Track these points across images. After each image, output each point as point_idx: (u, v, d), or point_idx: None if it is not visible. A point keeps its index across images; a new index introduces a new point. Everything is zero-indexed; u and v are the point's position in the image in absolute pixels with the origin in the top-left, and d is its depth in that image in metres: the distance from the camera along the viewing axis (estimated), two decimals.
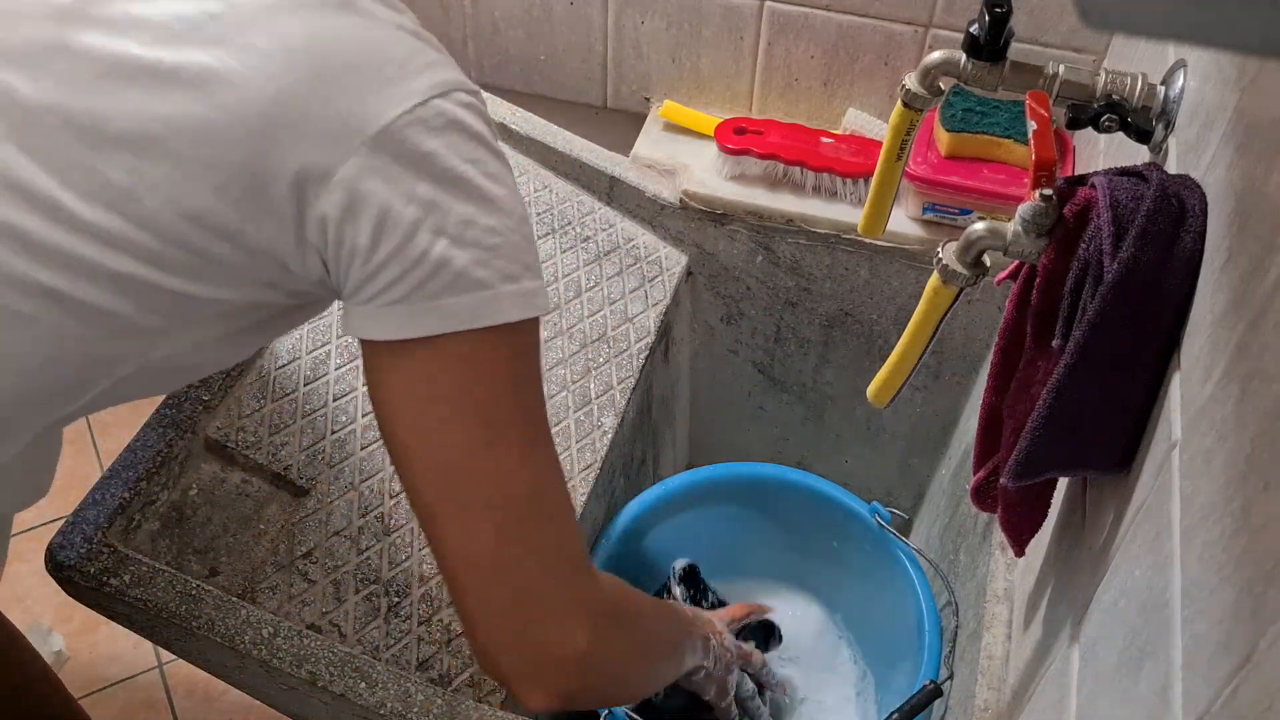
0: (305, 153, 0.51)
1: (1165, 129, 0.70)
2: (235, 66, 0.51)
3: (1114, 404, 0.59)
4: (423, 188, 0.52)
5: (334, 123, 0.51)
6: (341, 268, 0.54)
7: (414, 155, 0.52)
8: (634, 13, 1.23)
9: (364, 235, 0.52)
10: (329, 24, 0.52)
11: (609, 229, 1.17)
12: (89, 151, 0.51)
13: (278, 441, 0.89)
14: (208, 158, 0.51)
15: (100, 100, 0.51)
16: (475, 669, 0.84)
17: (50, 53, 0.51)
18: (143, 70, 0.50)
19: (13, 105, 0.51)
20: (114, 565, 0.79)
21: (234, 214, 0.52)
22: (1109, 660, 0.56)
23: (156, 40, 0.51)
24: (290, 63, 0.51)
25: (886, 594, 1.08)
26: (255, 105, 0.51)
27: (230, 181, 0.52)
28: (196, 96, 0.51)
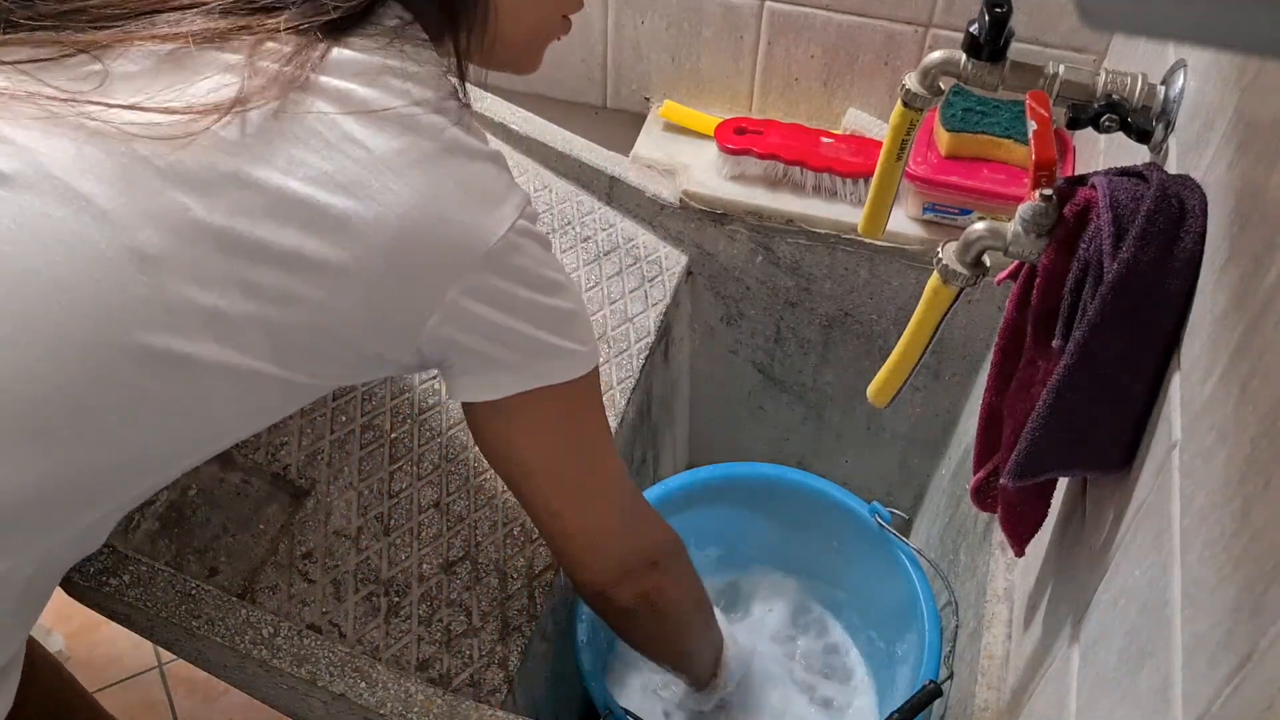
0: (427, 280, 0.62)
1: (1165, 129, 0.70)
2: (375, 210, 0.60)
3: (1114, 404, 0.59)
4: (522, 294, 0.65)
5: (449, 252, 0.62)
6: (450, 361, 0.66)
7: (512, 270, 0.64)
8: (634, 13, 1.23)
9: (477, 341, 0.65)
10: (442, 167, 0.62)
11: (609, 229, 1.17)
12: (249, 267, 0.58)
13: (277, 441, 0.89)
14: (347, 284, 0.60)
15: (264, 229, 0.58)
16: (475, 668, 0.84)
17: (225, 179, 0.57)
18: (300, 204, 0.58)
19: (187, 224, 0.57)
20: (114, 565, 0.79)
21: (363, 333, 0.62)
22: (1109, 660, 0.56)
23: (312, 180, 0.59)
24: (415, 206, 0.60)
25: (886, 594, 1.08)
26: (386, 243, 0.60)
27: (362, 304, 0.61)
28: (340, 234, 0.59)
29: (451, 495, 0.91)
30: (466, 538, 0.90)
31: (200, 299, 0.58)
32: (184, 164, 0.57)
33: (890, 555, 1.07)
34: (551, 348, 0.67)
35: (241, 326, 0.59)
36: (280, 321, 0.60)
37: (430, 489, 0.91)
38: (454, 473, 0.93)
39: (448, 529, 0.90)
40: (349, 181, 0.59)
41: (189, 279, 0.57)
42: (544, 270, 0.66)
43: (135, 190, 0.56)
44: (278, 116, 0.58)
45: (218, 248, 0.57)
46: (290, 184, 0.58)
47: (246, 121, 0.58)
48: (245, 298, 0.58)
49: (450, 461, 0.93)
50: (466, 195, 0.62)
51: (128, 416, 0.59)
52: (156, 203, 0.56)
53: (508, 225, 0.63)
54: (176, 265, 0.57)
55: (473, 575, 0.88)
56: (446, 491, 0.91)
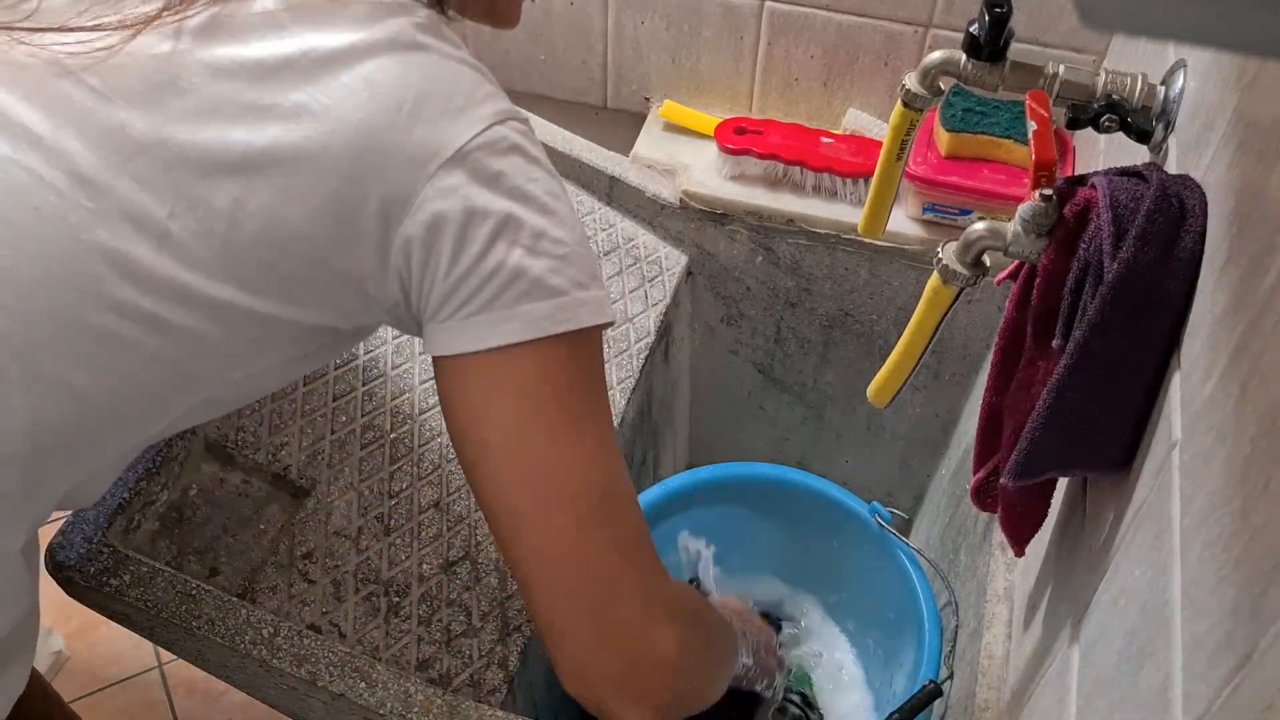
0: (388, 179, 0.56)
1: (1165, 129, 0.70)
2: (325, 101, 0.55)
3: (1114, 404, 0.59)
4: (497, 203, 0.56)
5: (412, 149, 0.56)
6: (425, 287, 0.58)
7: (486, 174, 0.56)
8: (634, 13, 1.23)
9: (445, 251, 0.56)
10: (404, 61, 0.57)
11: (609, 229, 1.17)
12: (197, 181, 0.54)
13: (277, 442, 0.89)
14: (301, 185, 0.55)
15: (207, 134, 0.54)
16: (475, 669, 0.84)
17: (162, 91, 0.55)
18: (245, 107, 0.55)
19: (127, 140, 0.54)
20: (114, 565, 0.79)
21: (324, 240, 0.57)
22: (1109, 660, 0.56)
23: (255, 78, 0.55)
24: (372, 96, 0.55)
25: (886, 594, 1.08)
26: (343, 136, 0.55)
27: (322, 207, 0.56)
28: (290, 129, 0.55)
29: (451, 495, 0.92)
30: (466, 538, 0.90)
31: (146, 220, 0.54)
32: (117, 81, 0.54)
33: (890, 555, 1.07)
34: (531, 283, 0.57)
35: (192, 245, 0.55)
36: (234, 234, 0.55)
37: (430, 489, 0.91)
38: (454, 473, 0.93)
39: (448, 529, 0.90)
40: (298, 75, 0.55)
41: (132, 199, 0.54)
42: (532, 187, 0.58)
43: (70, 112, 0.54)
44: (216, 18, 0.56)
45: (159, 162, 0.54)
46: (233, 86, 0.55)
47: (182, 28, 0.55)
48: (192, 212, 0.55)
49: (450, 461, 0.93)
50: (433, 87, 0.57)
51: (85, 359, 0.55)
52: (90, 123, 0.54)
53: (484, 124, 0.57)
54: (117, 187, 0.54)
55: (473, 575, 0.88)
56: (446, 491, 0.92)
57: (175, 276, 0.55)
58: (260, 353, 0.61)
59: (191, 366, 0.59)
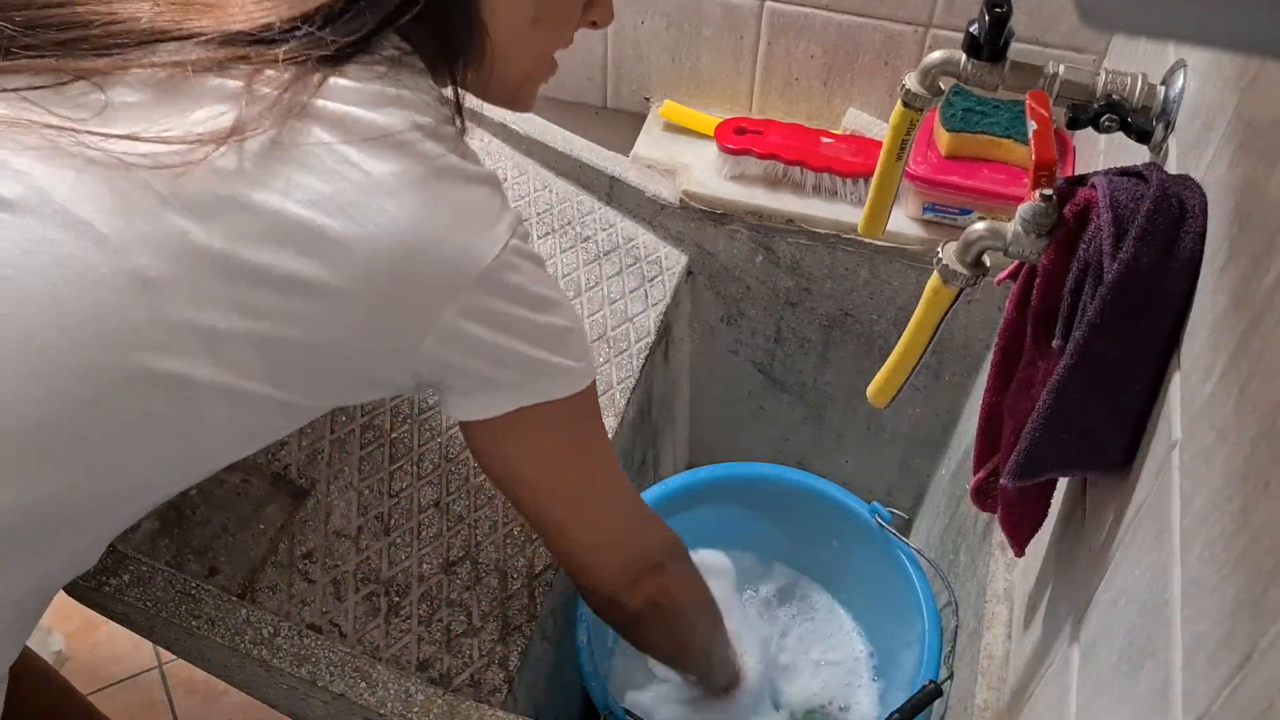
0: (420, 303, 0.62)
1: (1165, 129, 0.70)
2: (373, 231, 0.60)
3: (1114, 404, 0.59)
4: (517, 313, 0.65)
5: (443, 275, 0.62)
6: (447, 382, 0.67)
7: (507, 289, 0.64)
8: (634, 13, 1.23)
9: (473, 361, 0.65)
10: (437, 190, 0.62)
11: (609, 229, 1.17)
12: (249, 290, 0.59)
13: (278, 441, 0.89)
14: (344, 305, 0.61)
15: (263, 252, 0.58)
16: (475, 668, 0.84)
17: (223, 205, 0.58)
18: (299, 227, 0.59)
19: (188, 247, 0.58)
20: (114, 565, 0.79)
21: (360, 354, 0.63)
22: (1109, 660, 0.56)
23: (309, 202, 0.59)
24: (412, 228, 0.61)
25: (886, 594, 1.08)
26: (386, 264, 0.61)
27: (358, 325, 0.62)
28: (338, 255, 0.60)
29: (451, 495, 0.92)
30: (466, 538, 0.90)
31: (198, 321, 0.58)
32: (182, 190, 0.57)
33: (890, 555, 1.07)
34: (547, 365, 0.68)
35: (238, 348, 0.60)
36: (276, 342, 0.60)
37: (430, 489, 0.91)
38: (454, 473, 0.93)
39: (448, 529, 0.90)
40: (346, 204, 0.59)
41: (187, 302, 0.58)
42: (538, 288, 0.67)
43: (134, 216, 0.57)
44: (275, 143, 0.59)
45: (216, 271, 0.58)
46: (288, 206, 0.59)
47: (244, 148, 0.58)
48: (243, 319, 0.59)
49: (450, 461, 0.93)
50: (460, 217, 0.63)
51: (123, 440, 0.59)
52: (155, 227, 0.57)
53: (501, 245, 0.64)
54: (175, 289, 0.57)
55: (473, 575, 0.88)
56: (446, 491, 0.92)
57: (219, 374, 0.60)
58: (277, 429, 0.68)
59: (222, 446, 0.65)
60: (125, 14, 0.61)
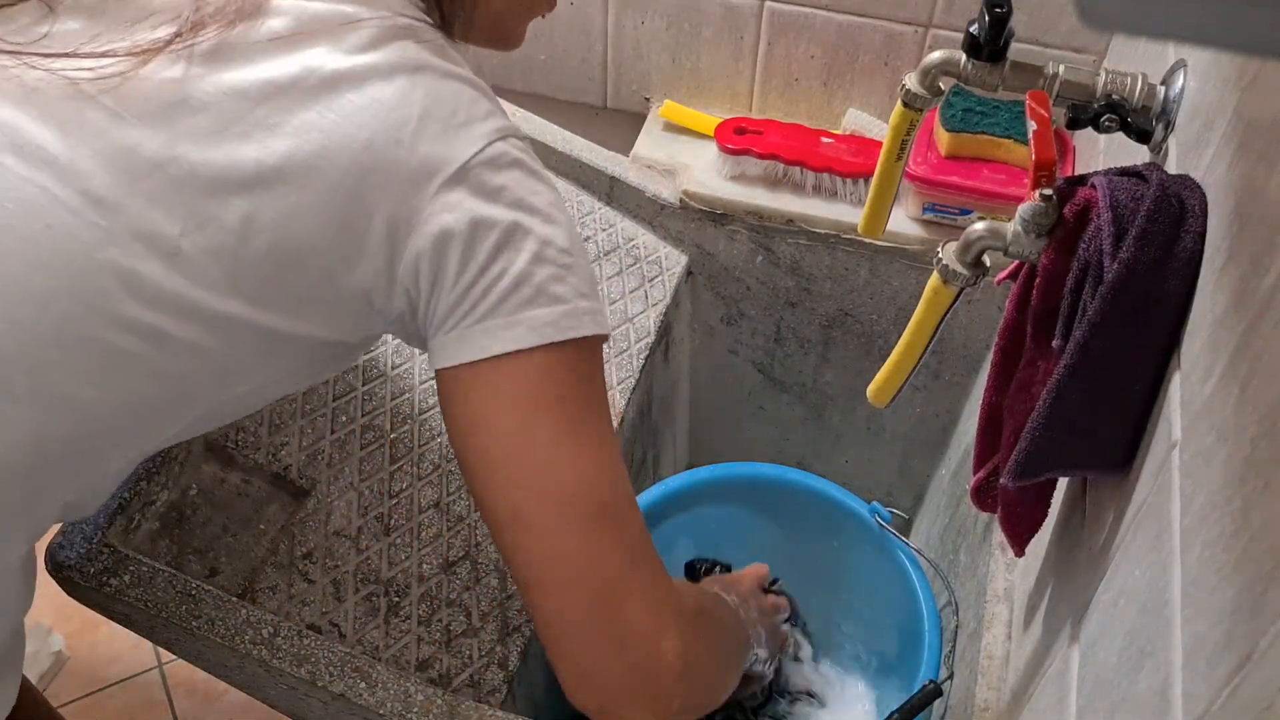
0: (394, 196, 0.57)
1: (1165, 129, 0.70)
2: (333, 119, 0.56)
3: (1114, 404, 0.59)
4: (501, 214, 0.58)
5: (416, 166, 0.57)
6: (432, 300, 0.59)
7: (489, 188, 0.58)
8: (634, 13, 1.23)
9: (452, 263, 0.58)
10: (409, 81, 0.58)
11: (609, 229, 1.17)
12: (208, 199, 0.55)
13: (278, 442, 0.89)
14: (309, 201, 0.56)
15: (218, 152, 0.55)
16: (475, 669, 0.84)
17: (173, 111, 0.55)
18: (254, 125, 0.56)
19: (139, 159, 0.55)
20: (114, 565, 0.79)
21: (332, 255, 0.58)
22: (1109, 660, 0.56)
23: (263, 98, 0.56)
24: (377, 115, 0.57)
25: (886, 594, 1.08)
26: (349, 153, 0.56)
27: (330, 223, 0.57)
28: (298, 146, 0.56)
29: (451, 495, 0.92)
30: (466, 538, 0.90)
31: (155, 237, 0.55)
32: (129, 102, 0.55)
33: (890, 555, 1.07)
34: (535, 289, 0.58)
35: (202, 262, 0.56)
36: (241, 249, 0.56)
37: (430, 489, 0.91)
38: (454, 473, 0.93)
39: (448, 529, 0.90)
40: (304, 94, 0.56)
41: (142, 218, 0.55)
42: (531, 197, 0.59)
43: (82, 134, 0.55)
44: (223, 42, 0.56)
45: (169, 181, 0.55)
46: (242, 103, 0.56)
47: (193, 52, 0.56)
48: (202, 229, 0.55)
49: (450, 461, 0.93)
50: (435, 105, 0.58)
51: (92, 376, 0.56)
52: (104, 143, 0.55)
53: (485, 140, 0.58)
54: (128, 205, 0.55)
55: (473, 575, 0.88)
56: (446, 491, 0.92)
57: (184, 293, 0.56)
58: (264, 366, 0.62)
59: (196, 380, 0.60)
60: None
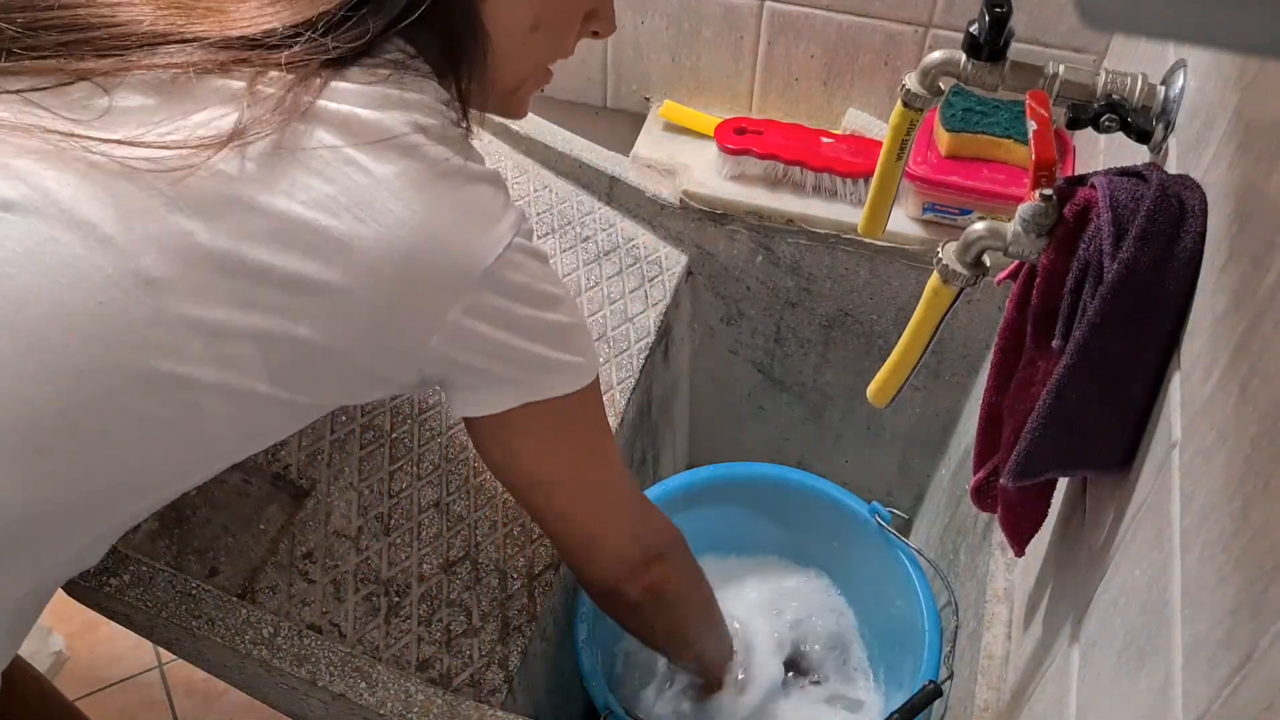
0: (425, 301, 0.63)
1: (1165, 129, 0.70)
2: (377, 230, 0.60)
3: (1114, 404, 0.59)
4: (521, 311, 0.66)
5: (446, 275, 0.63)
6: (452, 379, 0.68)
7: (511, 287, 0.65)
8: (634, 13, 1.23)
9: (476, 358, 0.66)
10: (440, 190, 0.63)
11: (609, 229, 1.17)
12: (254, 288, 0.59)
13: (277, 442, 0.89)
14: (350, 305, 0.61)
15: (268, 251, 0.59)
16: (475, 668, 0.84)
17: (225, 204, 0.58)
18: (303, 227, 0.59)
19: (192, 247, 0.58)
20: (114, 565, 0.79)
21: (366, 353, 0.63)
22: (1109, 660, 0.56)
23: (312, 204, 0.59)
24: (416, 227, 0.61)
25: (886, 594, 1.08)
26: (391, 264, 0.61)
27: (365, 324, 0.62)
28: (343, 254, 0.60)
29: (451, 495, 0.92)
30: (466, 538, 0.90)
31: (201, 320, 0.58)
32: (186, 192, 0.58)
33: (890, 555, 1.07)
34: (552, 362, 0.68)
35: (241, 347, 0.60)
36: (279, 342, 0.60)
37: (430, 489, 0.91)
38: (454, 473, 0.93)
39: (448, 529, 0.90)
40: (350, 204, 0.60)
41: (191, 302, 0.58)
42: (542, 285, 0.67)
43: (137, 217, 0.57)
44: (278, 145, 0.59)
45: (220, 271, 0.58)
46: (293, 207, 0.59)
47: (247, 151, 0.58)
48: (246, 317, 0.59)
49: (450, 461, 0.93)
50: (464, 215, 0.63)
51: (125, 439, 0.59)
52: (159, 228, 0.57)
53: (504, 244, 0.64)
54: (178, 288, 0.57)
55: (473, 575, 0.88)
56: (446, 491, 0.91)
57: (224, 373, 0.60)
58: (279, 430, 0.69)
59: (225, 445, 0.65)
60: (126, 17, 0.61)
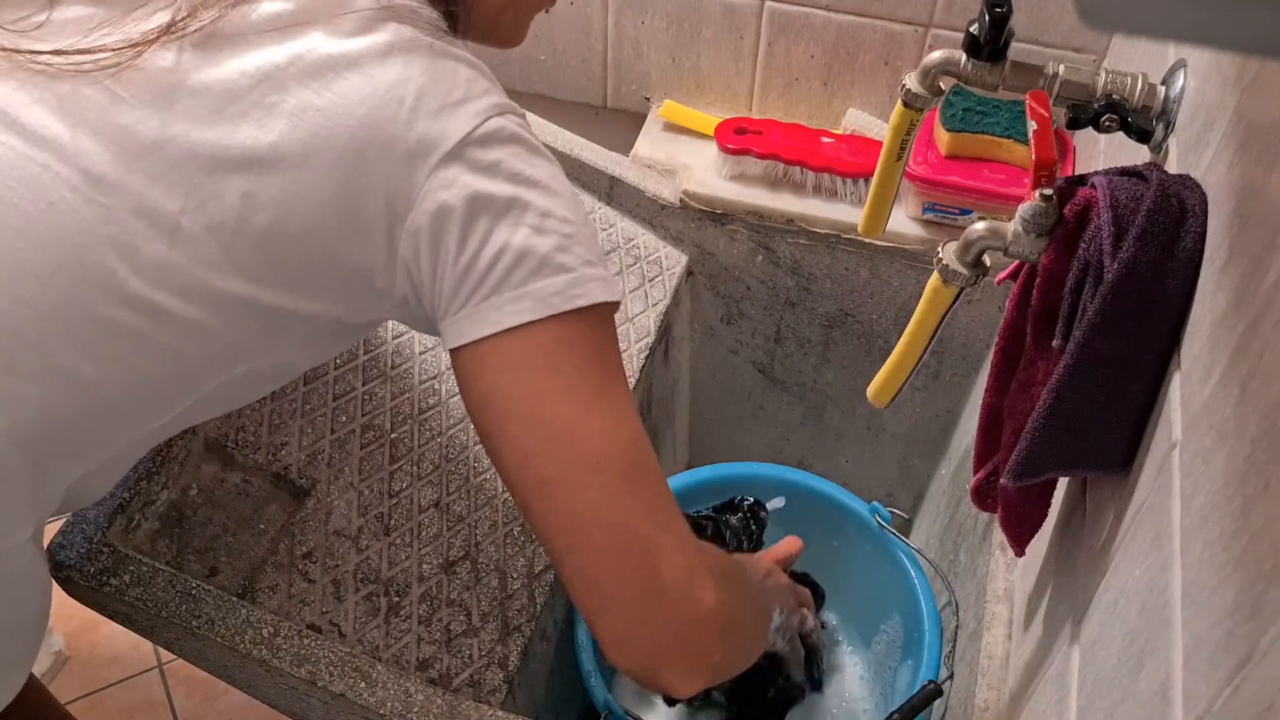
0: (392, 173, 0.57)
1: (1165, 129, 0.70)
2: (330, 98, 0.57)
3: (1114, 404, 0.59)
4: (499, 187, 0.58)
5: (413, 143, 0.57)
6: (435, 279, 0.59)
7: (486, 163, 0.58)
8: (634, 13, 1.23)
9: (452, 240, 0.58)
10: (405, 59, 0.58)
11: (609, 229, 1.17)
12: (207, 177, 0.56)
13: (277, 441, 0.89)
14: (308, 179, 0.57)
15: (215, 132, 0.56)
16: (475, 668, 0.84)
17: (170, 93, 0.56)
18: (251, 105, 0.56)
19: (138, 138, 0.56)
20: (114, 565, 0.79)
21: (333, 232, 0.58)
22: (1109, 660, 0.56)
23: (261, 78, 0.57)
24: (374, 93, 0.57)
25: (886, 594, 1.08)
26: (347, 131, 0.57)
27: (329, 201, 0.57)
28: (296, 125, 0.56)
29: (451, 495, 0.92)
30: (466, 538, 0.90)
31: (154, 214, 0.56)
32: (127, 85, 0.56)
33: (890, 555, 1.07)
34: (539, 261, 0.58)
35: (202, 240, 0.56)
36: (244, 227, 0.57)
37: (430, 489, 0.91)
38: (454, 473, 0.93)
39: (448, 529, 0.90)
40: (301, 73, 0.57)
41: (141, 196, 0.55)
42: (529, 170, 0.59)
43: (81, 117, 0.56)
44: (218, 27, 0.57)
45: (167, 160, 0.56)
46: (239, 82, 0.56)
47: (185, 42, 0.57)
48: (201, 206, 0.56)
49: (450, 461, 0.93)
50: (432, 82, 0.58)
51: (94, 350, 0.56)
52: (102, 125, 0.56)
53: (484, 117, 0.58)
54: (127, 183, 0.55)
55: (473, 575, 0.88)
56: (446, 491, 0.92)
57: (185, 270, 0.57)
58: (265, 345, 0.62)
59: (196, 359, 0.60)
60: None
